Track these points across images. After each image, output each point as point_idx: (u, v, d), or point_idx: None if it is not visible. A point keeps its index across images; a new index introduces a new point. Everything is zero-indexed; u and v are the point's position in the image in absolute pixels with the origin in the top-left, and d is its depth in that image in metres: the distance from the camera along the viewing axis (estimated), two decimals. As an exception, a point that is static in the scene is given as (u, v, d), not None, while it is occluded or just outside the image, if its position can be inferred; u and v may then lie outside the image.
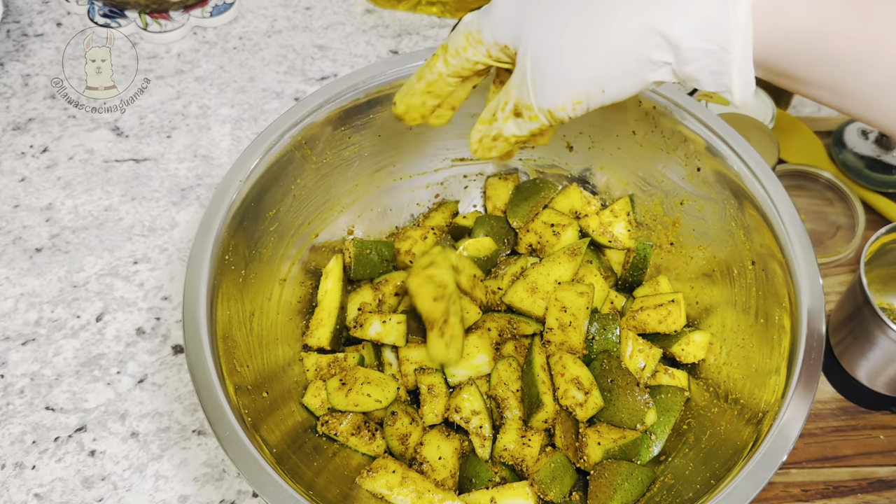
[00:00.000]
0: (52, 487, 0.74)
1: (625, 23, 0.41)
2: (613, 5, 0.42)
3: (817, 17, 0.40)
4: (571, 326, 0.70)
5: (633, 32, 0.41)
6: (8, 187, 0.95)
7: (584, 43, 0.42)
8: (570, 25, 0.43)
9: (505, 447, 0.67)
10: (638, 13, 0.41)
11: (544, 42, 0.44)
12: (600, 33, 0.42)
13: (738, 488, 0.54)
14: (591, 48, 0.42)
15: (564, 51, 0.43)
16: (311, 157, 0.75)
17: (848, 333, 0.74)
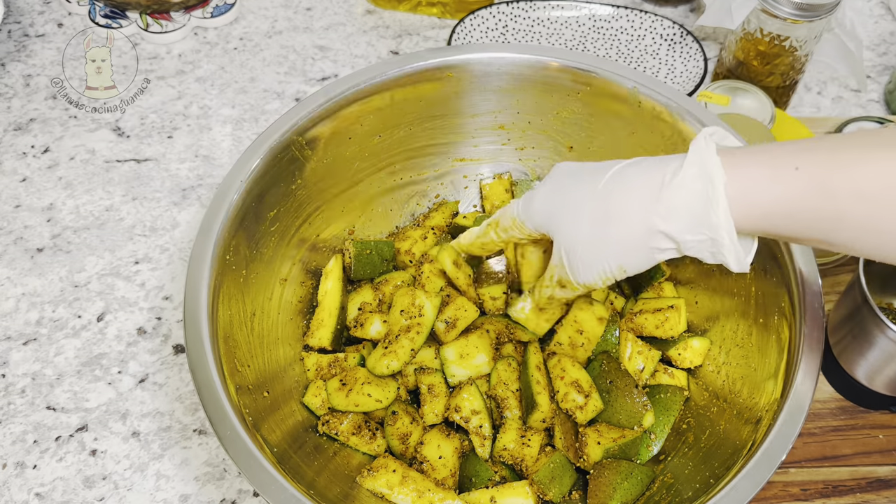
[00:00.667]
0: (54, 487, 0.74)
1: (633, 226, 0.51)
2: (622, 213, 0.52)
3: (786, 200, 0.46)
4: (582, 347, 0.71)
5: (640, 233, 0.51)
6: (9, 187, 0.95)
7: (604, 240, 0.53)
8: (592, 227, 0.54)
9: (505, 447, 0.68)
10: (642, 219, 0.51)
11: (573, 239, 0.55)
12: (615, 234, 0.53)
13: (738, 487, 0.54)
14: (609, 244, 0.53)
15: (588, 247, 0.55)
16: (311, 157, 0.75)
17: (847, 333, 0.74)
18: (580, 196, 0.54)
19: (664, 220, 0.50)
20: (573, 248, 0.55)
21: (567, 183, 0.57)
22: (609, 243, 0.53)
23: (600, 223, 0.53)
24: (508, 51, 0.77)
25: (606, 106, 0.77)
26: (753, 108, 0.91)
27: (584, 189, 0.54)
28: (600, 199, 0.53)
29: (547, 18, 1.10)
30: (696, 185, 0.48)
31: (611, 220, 0.52)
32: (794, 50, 0.92)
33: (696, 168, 0.48)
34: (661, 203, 0.49)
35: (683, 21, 1.14)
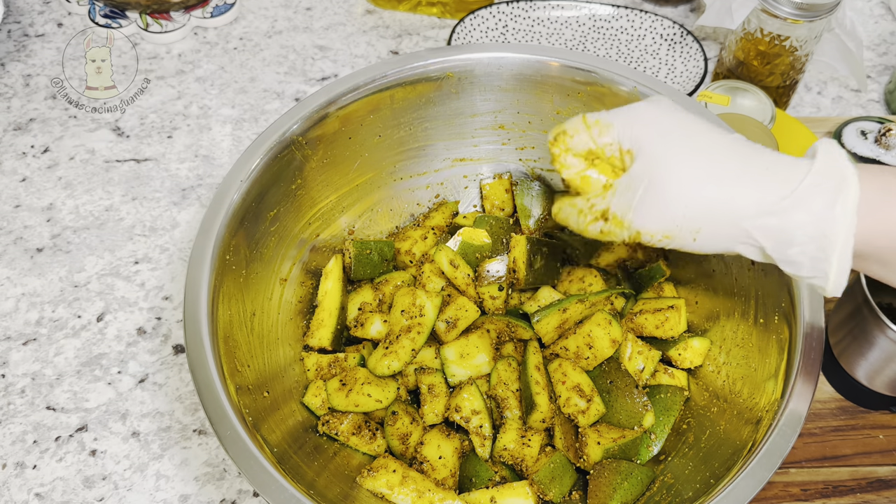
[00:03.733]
0: (53, 487, 0.74)
1: (745, 195, 0.45)
2: (742, 176, 0.45)
3: None
4: (586, 360, 0.71)
5: (750, 207, 0.44)
6: (9, 187, 0.95)
7: (704, 195, 0.45)
8: (700, 175, 0.45)
9: (505, 447, 0.68)
10: (759, 192, 0.44)
11: (669, 175, 0.46)
12: (722, 196, 0.45)
13: (738, 487, 0.54)
14: (708, 202, 0.45)
15: (683, 192, 0.46)
16: (311, 157, 0.75)
17: (847, 333, 0.74)
18: (701, 132, 0.47)
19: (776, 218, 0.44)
20: (662, 184, 0.46)
21: (682, 115, 0.48)
22: (708, 202, 0.45)
23: (712, 176, 0.45)
24: (508, 51, 0.77)
25: (606, 106, 0.77)
26: (753, 108, 0.91)
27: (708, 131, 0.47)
28: (723, 154, 0.45)
29: (547, 18, 1.10)
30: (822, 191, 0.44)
31: (727, 177, 0.45)
32: (794, 50, 0.92)
33: (824, 173, 0.43)
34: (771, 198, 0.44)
35: (683, 21, 1.14)
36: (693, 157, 0.46)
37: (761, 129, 0.86)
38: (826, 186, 0.43)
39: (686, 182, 0.46)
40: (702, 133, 0.47)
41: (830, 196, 0.43)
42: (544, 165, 0.85)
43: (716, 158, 0.46)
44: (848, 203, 0.43)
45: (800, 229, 0.44)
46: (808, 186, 0.43)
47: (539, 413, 0.67)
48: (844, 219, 0.43)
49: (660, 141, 0.47)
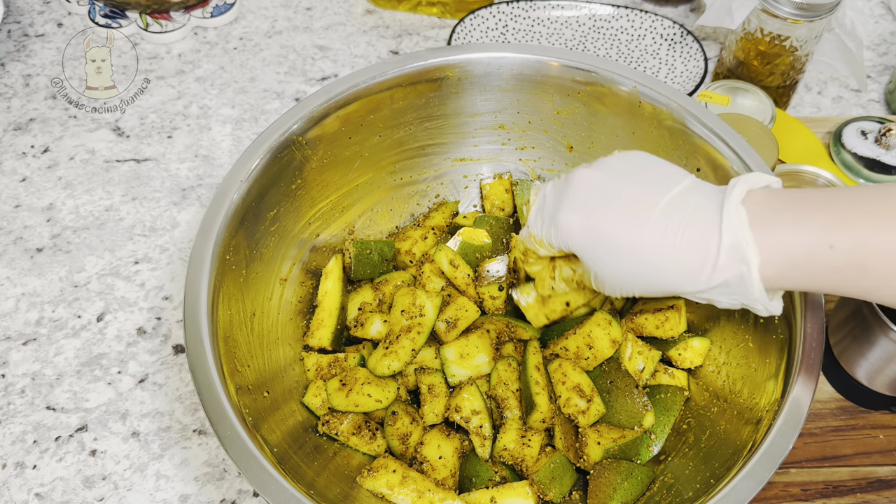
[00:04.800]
0: (53, 487, 0.74)
1: (669, 286, 0.54)
2: (662, 275, 0.53)
3: (820, 276, 0.49)
4: (586, 361, 0.71)
5: (675, 289, 0.54)
6: (9, 187, 0.95)
7: (639, 282, 0.55)
8: (630, 272, 0.55)
9: (505, 447, 0.67)
10: (679, 285, 0.53)
11: (608, 273, 0.56)
12: (651, 282, 0.54)
13: (738, 488, 0.54)
14: (644, 284, 0.55)
15: (622, 282, 0.56)
16: (311, 157, 0.75)
17: (847, 333, 0.74)
18: (620, 239, 0.54)
19: (703, 290, 0.52)
20: (605, 277, 0.56)
21: (602, 214, 0.55)
22: (643, 286, 0.55)
23: (639, 274, 0.54)
24: (508, 51, 0.77)
25: (606, 106, 0.77)
26: (753, 108, 0.91)
27: (625, 232, 0.54)
28: (642, 252, 0.53)
29: (547, 18, 1.10)
30: (733, 270, 0.50)
31: (651, 275, 0.54)
32: (794, 50, 0.92)
33: (733, 253, 0.50)
34: (701, 281, 0.52)
35: (683, 21, 1.14)
36: (617, 257, 0.54)
37: (761, 129, 0.86)
38: (733, 272, 0.50)
39: (622, 278, 0.56)
40: (620, 226, 0.54)
41: (739, 282, 0.51)
42: (544, 165, 0.85)
43: (637, 261, 0.54)
44: (754, 286, 0.50)
45: (724, 297, 0.53)
46: (720, 277, 0.51)
47: (539, 413, 0.67)
48: (754, 295, 0.51)
49: (586, 251, 0.56)
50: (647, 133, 0.76)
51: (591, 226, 0.55)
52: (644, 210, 0.53)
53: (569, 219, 0.56)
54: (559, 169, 0.84)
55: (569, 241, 0.57)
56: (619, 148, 0.78)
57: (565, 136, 0.82)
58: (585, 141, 0.81)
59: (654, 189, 0.54)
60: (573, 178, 0.57)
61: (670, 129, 0.74)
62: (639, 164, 0.57)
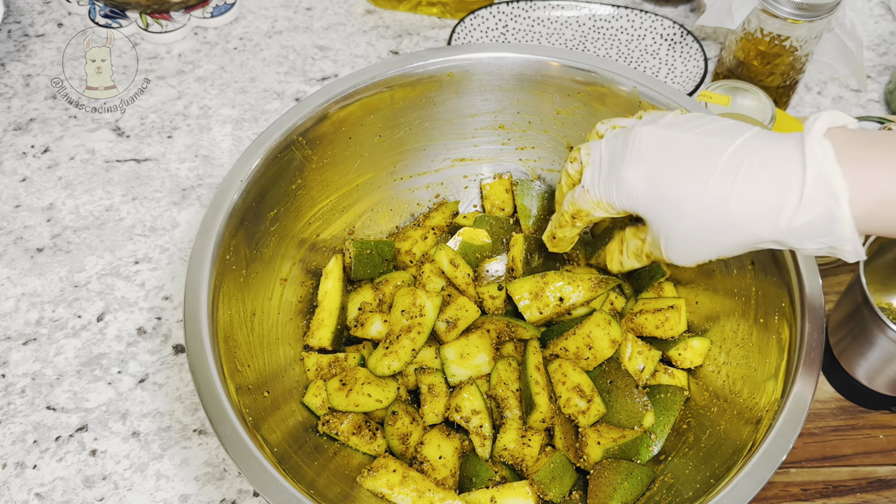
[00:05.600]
0: (54, 487, 0.74)
1: (747, 236, 0.50)
2: (737, 225, 0.50)
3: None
4: (586, 361, 0.71)
5: (753, 241, 0.51)
6: (9, 187, 0.95)
7: (712, 241, 0.52)
8: (701, 229, 0.52)
9: (505, 447, 0.68)
10: (759, 233, 0.50)
11: (678, 234, 0.53)
12: (726, 239, 0.51)
13: (738, 487, 0.54)
14: (717, 244, 0.52)
15: (693, 243, 0.53)
16: (311, 157, 0.75)
17: (847, 333, 0.74)
18: (687, 191, 0.51)
19: (785, 235, 0.49)
20: (676, 239, 0.53)
21: (667, 168, 0.52)
22: (717, 244, 0.52)
23: (711, 228, 0.51)
24: (508, 51, 0.77)
25: (606, 106, 0.77)
26: (753, 108, 0.91)
27: (690, 183, 0.50)
28: (712, 202, 0.50)
29: (547, 18, 1.10)
30: (820, 206, 0.47)
31: (724, 228, 0.51)
32: (794, 50, 0.92)
33: (820, 187, 0.46)
34: (782, 222, 0.48)
35: (683, 21, 1.14)
36: (687, 213, 0.51)
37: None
38: (819, 210, 0.47)
39: (692, 237, 0.53)
40: (688, 179, 0.51)
41: (827, 219, 0.47)
42: (544, 165, 0.85)
43: (710, 210, 0.51)
44: (845, 224, 0.46)
45: (808, 244, 0.49)
46: (805, 215, 0.47)
47: (539, 413, 0.67)
48: (844, 233, 0.47)
49: (653, 210, 0.54)
50: (647, 133, 0.76)
51: (655, 181, 0.52)
52: (711, 158, 0.50)
53: (631, 175, 0.53)
54: (559, 169, 0.84)
55: (633, 200, 0.54)
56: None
57: (565, 136, 0.82)
58: (585, 141, 0.81)
59: (721, 138, 0.51)
60: (633, 134, 0.54)
61: (670, 129, 0.74)
62: (700, 119, 0.54)
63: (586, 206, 0.58)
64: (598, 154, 0.57)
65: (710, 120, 0.54)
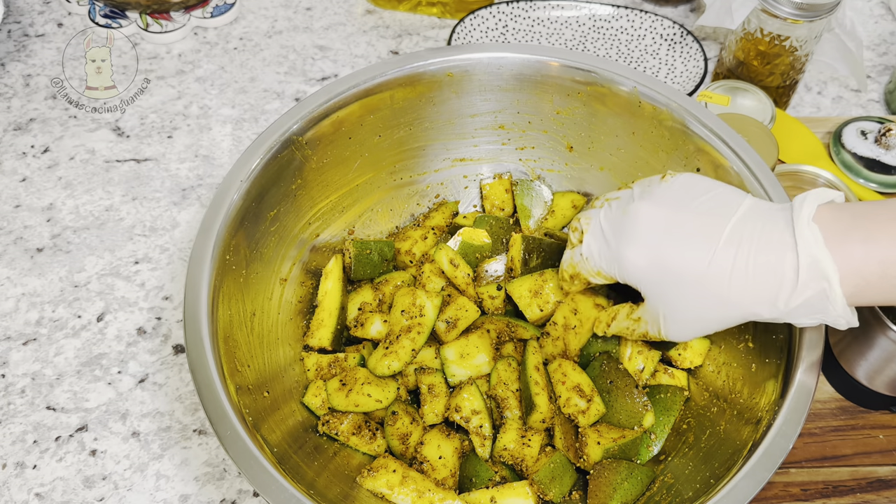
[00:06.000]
0: (53, 487, 0.74)
1: (745, 314, 0.53)
2: (735, 305, 0.53)
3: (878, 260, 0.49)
4: (574, 331, 0.71)
5: (751, 316, 0.53)
6: (9, 187, 0.95)
7: (710, 319, 0.55)
8: (700, 309, 0.54)
9: (505, 447, 0.68)
10: (756, 311, 0.52)
11: (677, 312, 0.56)
12: (724, 316, 0.54)
13: (738, 487, 0.54)
14: (715, 322, 0.55)
15: (692, 322, 0.56)
16: (311, 157, 0.75)
17: (847, 333, 0.74)
18: (689, 274, 0.53)
19: (782, 314, 0.52)
20: (675, 318, 0.56)
21: (668, 251, 0.54)
22: (715, 321, 0.55)
23: (712, 308, 0.54)
24: (508, 51, 0.77)
25: (606, 106, 0.77)
26: (753, 108, 0.91)
27: (692, 266, 0.53)
28: (713, 285, 0.52)
29: (547, 18, 1.10)
30: (814, 288, 0.50)
31: (724, 307, 0.53)
32: (794, 50, 0.92)
33: (812, 271, 0.49)
34: (780, 303, 0.51)
35: (683, 21, 1.14)
36: (686, 293, 0.54)
37: (761, 129, 0.86)
38: (812, 291, 0.50)
39: (691, 316, 0.55)
40: (688, 260, 0.53)
41: (820, 299, 0.50)
42: (544, 165, 0.85)
43: (709, 294, 0.53)
44: (838, 303, 0.49)
45: (805, 318, 0.52)
46: (800, 298, 0.50)
47: (538, 413, 0.67)
48: (837, 311, 0.50)
49: (653, 289, 0.56)
50: (647, 133, 0.76)
51: (656, 261, 0.54)
52: (709, 240, 0.52)
53: (633, 255, 0.56)
54: (559, 169, 0.84)
55: (635, 278, 0.56)
56: (619, 148, 0.79)
57: (565, 136, 0.82)
58: (585, 141, 0.81)
59: (716, 216, 0.53)
60: (633, 213, 0.57)
61: (670, 129, 0.74)
62: (694, 190, 0.56)
63: (585, 273, 0.61)
64: (597, 224, 0.60)
65: (702, 189, 0.56)
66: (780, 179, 0.69)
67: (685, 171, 0.74)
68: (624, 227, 0.57)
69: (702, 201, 0.55)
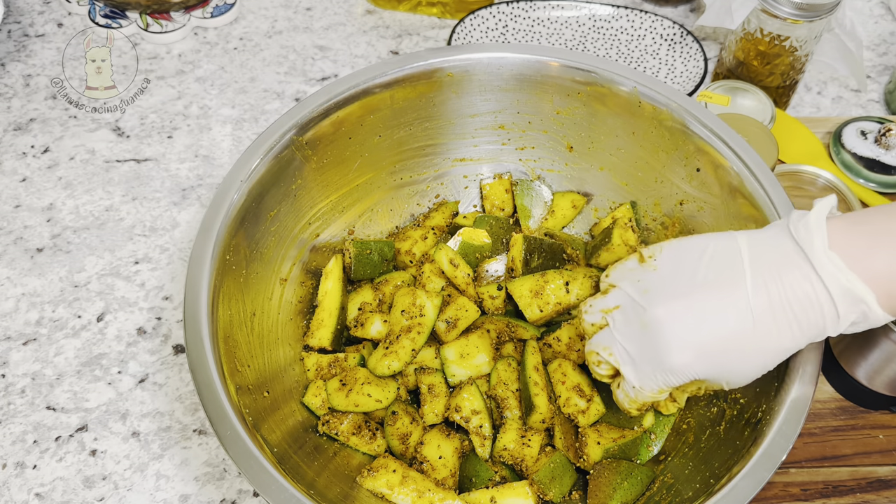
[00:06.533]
0: (54, 487, 0.74)
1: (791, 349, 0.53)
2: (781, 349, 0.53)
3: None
4: (577, 353, 0.70)
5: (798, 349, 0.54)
6: (9, 187, 0.95)
7: (767, 366, 0.54)
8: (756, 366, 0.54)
9: (505, 447, 0.68)
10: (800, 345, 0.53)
11: (737, 374, 0.54)
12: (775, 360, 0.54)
13: (738, 487, 0.54)
14: (769, 365, 0.54)
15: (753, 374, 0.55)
16: (311, 157, 0.75)
17: (847, 333, 0.74)
18: (737, 346, 0.52)
19: (834, 334, 0.52)
20: (738, 380, 0.55)
21: (706, 337, 0.53)
22: (774, 362, 0.54)
23: (769, 358, 0.53)
24: (508, 51, 0.77)
25: (606, 106, 0.77)
26: (753, 108, 0.91)
27: (738, 338, 0.52)
28: (762, 342, 0.52)
29: (547, 18, 1.10)
30: (855, 313, 0.50)
31: (779, 353, 0.53)
32: (794, 50, 0.92)
33: (847, 300, 0.49)
34: (829, 332, 0.52)
35: (683, 21, 1.14)
36: (747, 364, 0.54)
37: (761, 129, 0.86)
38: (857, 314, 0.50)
39: (755, 373, 0.54)
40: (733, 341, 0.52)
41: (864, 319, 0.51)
42: (544, 165, 0.85)
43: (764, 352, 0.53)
44: (879, 318, 0.50)
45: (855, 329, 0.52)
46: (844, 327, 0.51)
47: (538, 414, 0.67)
48: (881, 320, 0.51)
49: (715, 375, 0.54)
50: (647, 133, 0.76)
51: (702, 353, 0.53)
52: (739, 307, 0.51)
53: (679, 362, 0.53)
54: (559, 169, 0.84)
55: (691, 376, 0.54)
56: (619, 148, 0.79)
57: (565, 136, 0.82)
58: (585, 141, 0.81)
59: (728, 278, 0.52)
60: (653, 325, 0.54)
61: (670, 129, 0.74)
62: (686, 262, 0.54)
63: (650, 400, 0.58)
64: (622, 352, 0.56)
65: (693, 256, 0.54)
66: (780, 179, 0.69)
67: (685, 171, 0.74)
68: (655, 344, 0.54)
69: (704, 270, 0.53)
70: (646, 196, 0.79)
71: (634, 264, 0.57)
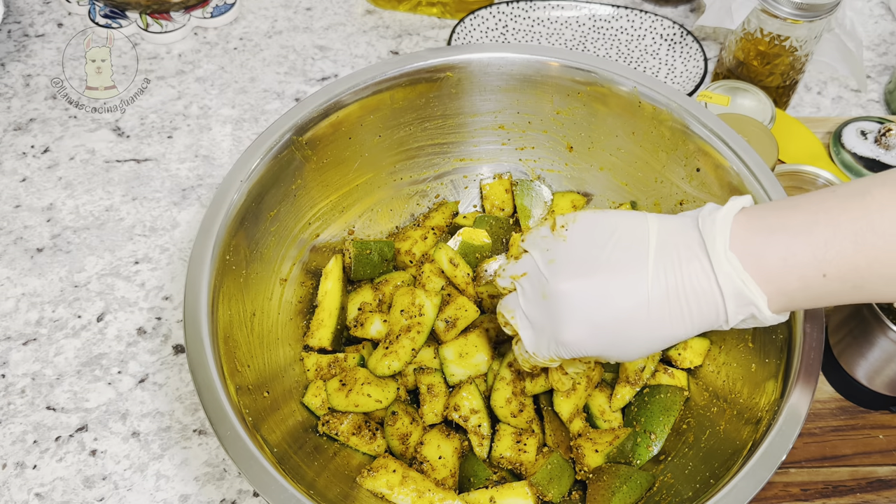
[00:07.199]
0: (53, 487, 0.74)
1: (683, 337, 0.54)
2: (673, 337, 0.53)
3: (817, 299, 0.50)
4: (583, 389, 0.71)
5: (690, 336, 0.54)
6: (9, 187, 0.95)
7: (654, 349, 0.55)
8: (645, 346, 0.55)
9: (502, 455, 0.68)
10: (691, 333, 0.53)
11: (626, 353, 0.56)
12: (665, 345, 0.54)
13: (738, 487, 0.54)
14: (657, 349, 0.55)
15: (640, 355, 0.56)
16: (311, 157, 0.75)
17: (847, 333, 0.74)
18: (629, 329, 0.53)
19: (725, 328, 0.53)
20: (626, 356, 0.56)
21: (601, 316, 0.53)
22: (663, 346, 0.55)
23: (659, 342, 0.54)
24: (508, 51, 0.77)
25: (606, 106, 0.77)
26: (753, 108, 0.91)
27: (631, 322, 0.53)
28: (656, 328, 0.53)
29: (547, 18, 1.10)
30: (744, 313, 0.51)
31: (671, 340, 0.54)
32: (794, 50, 0.92)
33: (739, 300, 0.50)
34: (721, 325, 0.52)
35: (683, 21, 1.14)
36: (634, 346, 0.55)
37: (761, 129, 0.86)
38: (746, 315, 0.51)
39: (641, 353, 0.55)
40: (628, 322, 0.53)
41: (753, 320, 0.52)
42: (544, 165, 0.85)
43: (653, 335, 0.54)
44: (766, 318, 0.51)
45: (744, 326, 0.53)
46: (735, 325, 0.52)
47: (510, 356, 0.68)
48: (768, 321, 0.51)
49: (605, 353, 0.56)
50: (647, 133, 0.76)
51: (595, 332, 0.54)
52: (637, 292, 0.52)
53: (572, 336, 0.54)
54: (559, 169, 0.84)
55: (582, 352, 0.55)
56: (618, 147, 0.79)
57: (565, 136, 0.82)
58: (585, 141, 0.81)
59: (632, 260, 0.52)
60: (553, 297, 0.54)
61: (670, 129, 0.74)
62: (597, 238, 0.54)
63: (541, 364, 0.59)
64: (522, 316, 0.58)
65: (605, 232, 0.54)
66: (780, 179, 0.69)
67: (684, 171, 0.74)
68: (551, 314, 0.55)
69: (610, 249, 0.53)
70: (646, 196, 0.79)
71: (547, 231, 0.57)
